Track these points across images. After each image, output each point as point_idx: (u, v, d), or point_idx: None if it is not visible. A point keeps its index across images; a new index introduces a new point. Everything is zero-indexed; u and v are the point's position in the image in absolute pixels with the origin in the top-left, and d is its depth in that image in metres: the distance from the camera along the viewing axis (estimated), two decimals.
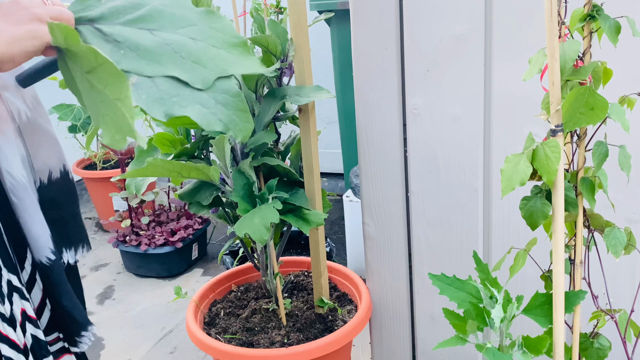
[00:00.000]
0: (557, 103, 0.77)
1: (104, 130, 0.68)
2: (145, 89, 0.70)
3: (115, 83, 0.64)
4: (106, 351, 2.14)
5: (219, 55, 0.73)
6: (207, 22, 0.75)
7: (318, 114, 3.04)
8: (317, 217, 1.43)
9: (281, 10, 1.68)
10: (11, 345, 0.83)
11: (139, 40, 0.72)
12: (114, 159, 3.23)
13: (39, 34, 0.70)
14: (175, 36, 0.73)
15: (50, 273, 0.92)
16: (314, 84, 1.42)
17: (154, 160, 1.23)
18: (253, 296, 1.71)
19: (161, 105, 0.69)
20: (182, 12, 0.75)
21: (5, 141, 0.88)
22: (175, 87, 0.71)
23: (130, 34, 0.72)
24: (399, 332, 1.59)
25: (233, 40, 0.75)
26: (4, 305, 0.83)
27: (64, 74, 0.72)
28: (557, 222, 0.80)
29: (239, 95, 0.74)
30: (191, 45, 0.73)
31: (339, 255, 2.63)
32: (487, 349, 0.85)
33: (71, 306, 0.95)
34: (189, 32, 0.74)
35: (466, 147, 1.34)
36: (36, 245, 0.91)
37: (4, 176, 0.87)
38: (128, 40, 0.72)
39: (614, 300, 1.17)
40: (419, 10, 1.30)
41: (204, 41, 0.74)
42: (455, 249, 1.42)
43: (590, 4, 0.79)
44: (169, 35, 0.73)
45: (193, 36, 0.74)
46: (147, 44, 0.72)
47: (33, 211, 0.90)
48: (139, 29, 0.73)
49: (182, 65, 0.72)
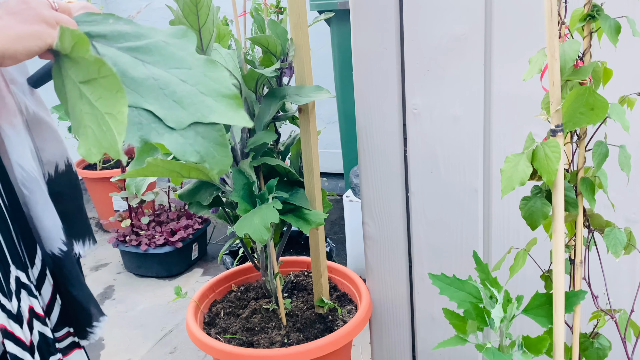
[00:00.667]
0: (557, 103, 0.77)
1: (81, 142, 0.69)
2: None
3: (112, 97, 0.65)
4: (106, 351, 2.14)
5: (204, 102, 0.74)
6: (203, 69, 0.76)
7: (318, 114, 3.04)
8: (317, 217, 1.43)
9: (281, 10, 1.69)
10: (16, 342, 0.83)
11: (128, 68, 0.73)
12: (113, 159, 3.23)
13: (43, 36, 0.71)
14: (166, 74, 0.74)
15: (63, 265, 0.92)
16: (314, 84, 1.42)
17: (154, 160, 1.23)
18: (253, 296, 1.71)
19: (139, 130, 0.70)
20: (181, 54, 0.76)
21: (16, 134, 0.88)
22: (154, 117, 0.72)
23: (121, 60, 0.73)
24: (399, 332, 1.59)
25: (224, 91, 0.75)
26: (11, 302, 0.83)
27: (55, 79, 0.73)
28: (557, 222, 0.80)
29: (220, 130, 0.75)
30: (178, 86, 0.74)
31: (339, 255, 2.63)
32: (487, 349, 0.85)
33: (84, 296, 0.95)
34: (181, 74, 0.75)
35: (466, 147, 1.34)
36: (48, 237, 0.91)
37: (14, 169, 0.87)
38: (117, 65, 0.72)
39: (614, 300, 1.16)
40: (419, 10, 1.30)
41: (193, 86, 0.74)
42: (455, 249, 1.42)
43: (590, 4, 0.79)
44: (160, 72, 0.74)
45: (184, 78, 0.75)
46: (135, 74, 0.73)
47: (44, 203, 0.91)
48: (133, 58, 0.74)
49: (162, 101, 0.72)
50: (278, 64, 1.41)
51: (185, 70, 0.75)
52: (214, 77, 0.76)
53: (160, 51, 0.76)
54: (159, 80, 0.73)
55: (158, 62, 0.75)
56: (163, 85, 0.73)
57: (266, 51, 1.41)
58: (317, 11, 2.46)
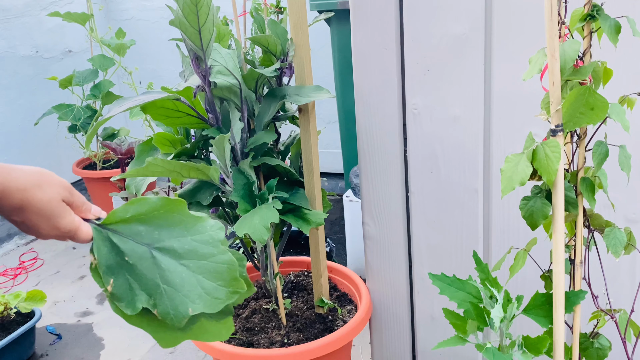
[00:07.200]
0: (557, 103, 0.77)
1: None
2: (123, 295, 0.78)
3: None
4: (106, 351, 2.14)
5: (195, 306, 0.77)
6: (206, 289, 0.78)
7: (318, 114, 3.04)
8: (317, 217, 1.43)
9: (281, 10, 1.69)
10: None
11: (138, 261, 0.78)
12: (114, 159, 3.22)
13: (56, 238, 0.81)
14: (172, 274, 0.78)
15: None
16: (314, 84, 1.42)
17: (153, 160, 1.23)
18: (253, 296, 1.71)
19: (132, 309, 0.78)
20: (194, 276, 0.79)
21: None
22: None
23: (135, 252, 0.79)
24: (399, 332, 1.59)
25: (220, 306, 0.78)
26: None
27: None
28: (557, 222, 0.80)
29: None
30: (178, 287, 0.78)
31: (339, 255, 2.63)
32: (487, 349, 0.85)
33: None
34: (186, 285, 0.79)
35: (466, 147, 1.34)
36: None
37: None
38: (131, 257, 0.79)
39: (614, 300, 1.16)
40: (419, 10, 1.30)
41: (185, 297, 0.77)
42: (455, 249, 1.42)
43: (590, 4, 0.79)
44: (166, 269, 0.78)
45: (185, 276, 0.79)
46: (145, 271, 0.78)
47: None
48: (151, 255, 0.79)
49: (157, 295, 0.77)
50: (278, 63, 1.41)
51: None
52: (210, 288, 0.79)
53: (174, 254, 0.80)
54: (161, 277, 0.78)
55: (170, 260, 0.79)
56: (164, 282, 0.78)
57: (266, 51, 1.41)
58: (317, 11, 2.46)
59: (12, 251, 3.04)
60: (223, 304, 0.77)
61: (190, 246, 0.78)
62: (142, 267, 0.77)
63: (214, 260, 0.77)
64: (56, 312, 2.42)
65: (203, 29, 1.26)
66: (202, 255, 0.78)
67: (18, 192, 0.73)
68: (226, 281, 0.77)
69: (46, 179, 0.77)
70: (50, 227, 0.77)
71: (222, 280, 0.77)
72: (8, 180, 0.73)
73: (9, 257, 2.97)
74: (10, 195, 0.73)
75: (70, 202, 0.79)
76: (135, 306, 0.77)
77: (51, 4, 3.33)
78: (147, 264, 0.77)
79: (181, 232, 0.79)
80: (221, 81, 1.36)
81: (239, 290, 0.77)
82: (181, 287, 0.77)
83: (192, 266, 0.77)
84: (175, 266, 0.77)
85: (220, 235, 0.78)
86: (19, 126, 3.17)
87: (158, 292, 0.77)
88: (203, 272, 0.77)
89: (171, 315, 0.76)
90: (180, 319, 0.76)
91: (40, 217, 0.76)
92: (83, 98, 3.13)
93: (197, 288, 0.77)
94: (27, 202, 0.74)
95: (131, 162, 1.50)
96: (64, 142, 3.33)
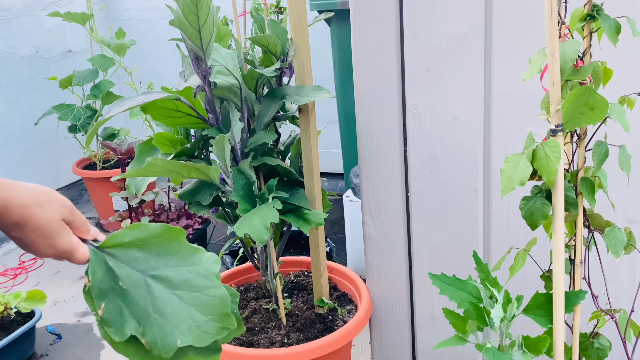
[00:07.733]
0: (557, 103, 0.77)
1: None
2: (113, 320, 0.78)
3: None
4: (106, 351, 2.14)
5: (183, 338, 0.76)
6: (198, 322, 0.78)
7: (318, 114, 3.04)
8: (317, 217, 1.43)
9: (281, 10, 1.69)
10: None
11: (131, 288, 0.78)
12: (114, 159, 3.22)
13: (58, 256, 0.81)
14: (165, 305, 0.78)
15: None
16: (314, 84, 1.42)
17: (153, 160, 1.23)
18: (253, 296, 1.71)
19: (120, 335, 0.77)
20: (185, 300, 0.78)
21: None
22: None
23: (130, 278, 0.78)
24: (399, 332, 1.59)
25: (208, 340, 0.77)
26: None
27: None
28: (557, 222, 0.80)
29: None
30: (168, 318, 0.78)
31: (339, 255, 2.63)
32: (487, 349, 0.85)
33: None
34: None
35: (466, 147, 1.34)
36: None
37: None
38: (125, 282, 0.78)
39: (614, 300, 1.16)
40: (419, 10, 1.30)
41: (175, 328, 0.77)
42: (455, 249, 1.42)
43: (590, 4, 0.79)
44: (161, 299, 0.78)
45: (177, 308, 0.78)
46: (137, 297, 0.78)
47: None
48: (144, 282, 0.78)
49: (147, 323, 0.77)
50: (278, 63, 1.41)
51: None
52: (202, 323, 0.78)
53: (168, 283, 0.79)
54: (153, 306, 0.78)
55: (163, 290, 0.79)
56: (154, 311, 0.78)
57: (266, 51, 1.41)
58: (317, 11, 2.46)
59: (12, 251, 3.04)
60: (212, 339, 0.76)
61: (185, 277, 0.77)
62: (135, 293, 0.77)
63: (207, 294, 0.77)
64: (56, 312, 2.42)
65: (203, 29, 1.26)
66: (196, 287, 0.77)
67: (19, 208, 0.74)
68: (217, 316, 0.76)
69: (48, 197, 0.77)
70: (47, 245, 0.77)
71: (213, 315, 0.76)
72: (10, 196, 0.73)
73: (9, 257, 2.97)
74: (11, 211, 0.73)
75: (71, 222, 0.79)
76: (123, 333, 0.76)
77: (51, 4, 3.33)
78: (141, 291, 0.77)
79: (177, 261, 0.78)
80: (221, 81, 1.36)
81: (229, 326, 0.76)
82: (172, 317, 0.76)
83: (185, 297, 0.76)
84: (168, 295, 0.77)
85: (215, 269, 0.78)
86: (19, 126, 3.17)
87: (149, 320, 0.76)
88: (195, 305, 0.76)
89: (159, 345, 0.75)
90: (167, 350, 0.75)
91: (39, 235, 0.76)
92: (83, 98, 3.13)
93: (188, 320, 0.76)
94: (27, 219, 0.74)
95: (131, 162, 1.49)
96: (64, 142, 3.33)
